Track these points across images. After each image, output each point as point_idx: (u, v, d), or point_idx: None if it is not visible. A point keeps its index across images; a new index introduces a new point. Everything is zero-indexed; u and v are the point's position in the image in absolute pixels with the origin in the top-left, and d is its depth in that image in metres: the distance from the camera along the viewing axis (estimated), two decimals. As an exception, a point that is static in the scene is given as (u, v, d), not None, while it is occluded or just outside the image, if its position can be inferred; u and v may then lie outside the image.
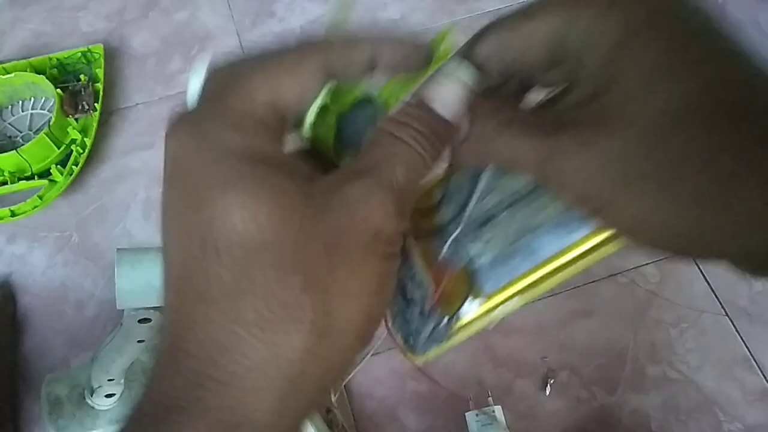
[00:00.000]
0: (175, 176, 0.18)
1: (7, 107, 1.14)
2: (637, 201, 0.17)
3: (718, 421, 0.83)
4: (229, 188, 0.17)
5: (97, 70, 1.15)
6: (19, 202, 1.00)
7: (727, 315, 0.90)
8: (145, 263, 0.48)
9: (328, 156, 0.23)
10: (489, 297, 0.24)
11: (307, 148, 0.22)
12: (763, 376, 0.86)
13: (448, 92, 0.20)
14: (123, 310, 0.53)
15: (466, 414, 0.81)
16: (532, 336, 0.90)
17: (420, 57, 0.21)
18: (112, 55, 1.22)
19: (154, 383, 0.18)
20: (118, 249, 0.49)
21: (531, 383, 0.87)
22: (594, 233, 0.23)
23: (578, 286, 0.92)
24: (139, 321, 0.55)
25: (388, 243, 0.19)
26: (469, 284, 0.24)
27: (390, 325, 0.26)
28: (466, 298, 0.24)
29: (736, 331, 0.89)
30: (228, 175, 0.17)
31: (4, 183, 1.01)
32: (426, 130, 0.19)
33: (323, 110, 0.21)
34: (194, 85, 0.20)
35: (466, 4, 1.29)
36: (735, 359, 0.87)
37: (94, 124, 1.09)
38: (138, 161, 1.10)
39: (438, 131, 0.20)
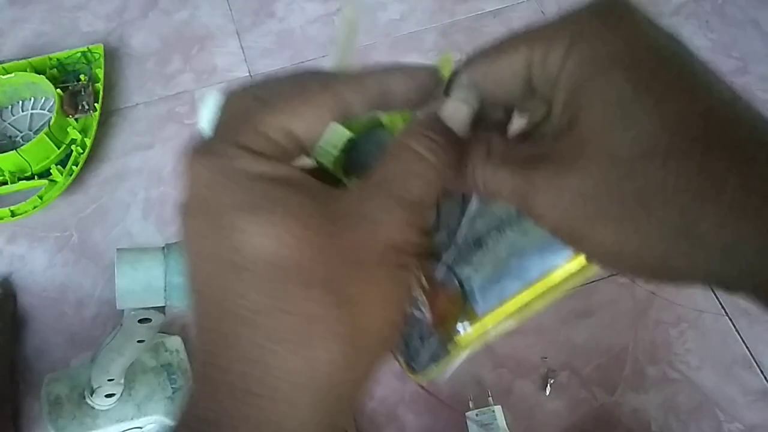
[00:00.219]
0: (198, 204, 0.19)
1: (7, 107, 1.14)
2: (606, 234, 0.18)
3: (718, 421, 0.83)
4: (256, 211, 0.18)
5: (97, 70, 1.15)
6: (19, 202, 1.00)
7: (727, 315, 0.90)
8: (145, 263, 0.48)
9: (336, 174, 0.23)
10: (481, 318, 0.24)
11: (314, 167, 0.23)
12: (763, 376, 0.86)
13: (458, 111, 0.21)
14: (123, 310, 0.53)
15: (466, 414, 0.81)
16: (532, 336, 0.90)
17: (427, 89, 0.22)
18: (112, 55, 1.22)
19: (193, 400, 0.19)
20: (118, 249, 0.49)
21: (531, 383, 0.87)
22: (577, 256, 0.24)
23: (578, 286, 0.92)
24: (139, 321, 0.54)
25: (406, 253, 0.20)
26: (463, 306, 0.25)
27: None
28: (459, 319, 0.25)
29: (736, 331, 0.89)
30: (253, 198, 0.18)
31: (4, 183, 1.01)
32: (440, 142, 0.20)
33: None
34: (206, 115, 0.20)
35: (466, 4, 1.29)
36: (735, 359, 0.87)
37: (94, 124, 1.09)
38: (138, 161, 1.10)
39: (450, 145, 0.21)
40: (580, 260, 0.24)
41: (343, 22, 0.27)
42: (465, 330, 0.25)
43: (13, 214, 1.00)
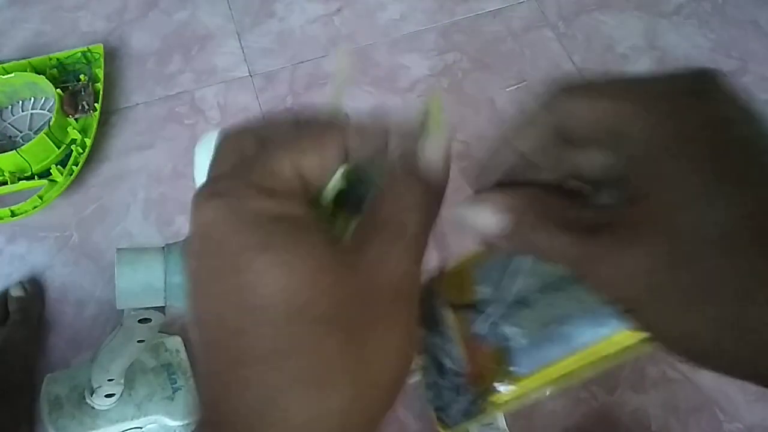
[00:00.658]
0: (206, 245, 0.19)
1: (7, 107, 1.14)
2: (662, 311, 0.18)
3: (718, 421, 0.83)
4: (266, 251, 0.18)
5: (97, 70, 1.15)
6: (19, 202, 1.00)
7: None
8: (145, 263, 0.48)
9: (336, 213, 0.23)
10: (521, 379, 0.24)
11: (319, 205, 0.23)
12: (763, 376, 0.86)
13: (436, 149, 0.21)
14: (123, 310, 0.53)
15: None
16: (532, 336, 0.90)
17: (417, 141, 0.23)
18: (112, 55, 1.22)
19: None
20: (117, 249, 0.49)
21: (531, 383, 0.87)
22: (631, 330, 0.23)
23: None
24: (139, 321, 0.54)
25: (412, 288, 0.20)
26: (503, 364, 0.24)
27: (425, 395, 0.26)
28: (498, 378, 0.24)
29: (736, 331, 0.89)
30: (263, 237, 0.18)
31: (4, 183, 1.01)
32: (428, 176, 0.21)
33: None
34: (202, 157, 0.20)
35: (466, 4, 1.29)
36: (735, 359, 0.87)
37: (94, 124, 1.09)
38: (138, 161, 1.10)
39: (436, 177, 0.21)
40: (631, 334, 0.23)
41: (338, 64, 0.27)
42: (503, 389, 0.24)
43: (13, 214, 1.00)
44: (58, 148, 1.04)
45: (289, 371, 0.17)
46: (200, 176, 0.20)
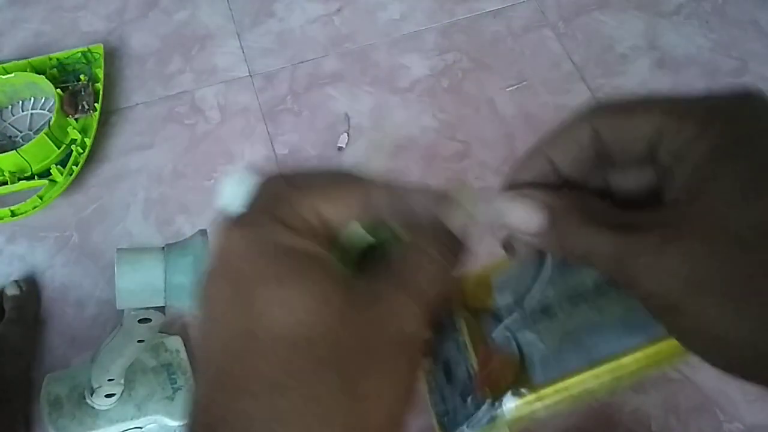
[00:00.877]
0: (224, 270, 0.20)
1: (7, 107, 1.14)
2: (702, 310, 0.18)
3: (718, 421, 0.83)
4: (281, 284, 0.18)
5: (97, 70, 1.15)
6: (19, 202, 1.00)
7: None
8: (145, 263, 0.48)
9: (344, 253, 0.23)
10: (537, 389, 0.23)
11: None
12: (763, 376, 0.86)
13: (461, 222, 0.22)
14: (123, 310, 0.53)
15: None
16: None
17: (442, 207, 0.23)
18: (112, 55, 1.22)
19: None
20: (117, 249, 0.49)
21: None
22: (656, 342, 0.22)
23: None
24: (139, 321, 0.54)
25: (416, 347, 0.20)
26: (518, 372, 0.24)
27: (427, 399, 0.26)
28: (512, 386, 0.23)
29: (736, 331, 0.89)
30: (280, 270, 0.19)
31: (4, 183, 1.01)
32: (447, 243, 0.22)
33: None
34: (230, 192, 0.21)
35: (466, 4, 1.29)
36: (735, 359, 0.87)
37: (94, 124, 1.09)
38: (138, 161, 1.10)
39: (455, 246, 0.22)
40: (656, 348, 0.22)
41: (382, 138, 0.28)
42: (517, 398, 0.23)
43: (13, 214, 1.00)
44: (58, 148, 1.04)
45: (283, 406, 0.18)
46: (225, 205, 0.21)
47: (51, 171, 1.02)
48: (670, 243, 0.18)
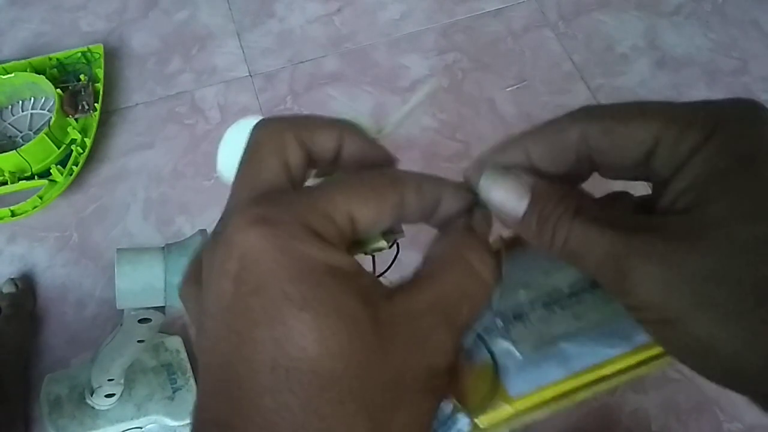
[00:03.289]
0: (246, 276, 0.18)
1: (7, 107, 1.14)
2: (701, 324, 0.17)
3: (718, 421, 0.83)
4: (307, 308, 0.17)
5: (97, 70, 1.15)
6: (19, 202, 1.00)
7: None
8: (145, 263, 0.48)
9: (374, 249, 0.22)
10: (513, 401, 0.22)
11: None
12: (763, 376, 0.86)
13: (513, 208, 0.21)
14: (123, 310, 0.53)
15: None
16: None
17: (469, 204, 0.22)
18: (112, 55, 1.22)
19: None
20: (117, 249, 0.49)
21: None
22: (636, 351, 0.22)
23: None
24: (139, 321, 0.54)
25: (443, 378, 0.19)
26: (493, 383, 0.23)
27: None
28: (487, 398, 0.22)
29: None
30: (307, 293, 0.17)
31: (4, 183, 1.01)
32: (493, 257, 0.20)
33: None
34: (233, 146, 0.19)
35: (466, 4, 1.29)
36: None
37: (94, 124, 1.09)
38: (138, 161, 1.10)
39: (498, 261, 0.20)
40: (637, 355, 0.22)
41: (423, 93, 0.26)
42: (494, 410, 0.22)
43: (13, 214, 1.00)
44: (58, 148, 1.04)
45: None
46: (227, 167, 0.20)
47: (51, 171, 1.02)
48: (677, 253, 0.17)
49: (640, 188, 0.22)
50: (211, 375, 0.18)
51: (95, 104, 1.09)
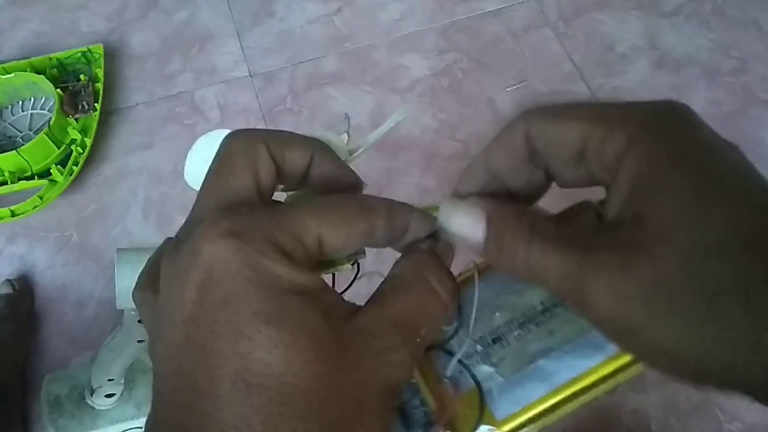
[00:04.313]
0: (213, 288, 0.18)
1: (7, 107, 1.14)
2: (667, 330, 0.17)
3: (718, 421, 0.83)
4: (272, 324, 0.17)
5: (97, 70, 1.15)
6: (19, 202, 1.00)
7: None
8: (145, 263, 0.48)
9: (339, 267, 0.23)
10: (501, 425, 0.22)
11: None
12: (763, 376, 0.86)
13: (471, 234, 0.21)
14: (123, 310, 0.53)
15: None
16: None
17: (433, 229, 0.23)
18: (112, 55, 1.22)
19: None
20: (117, 249, 0.49)
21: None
22: (611, 359, 0.22)
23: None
24: (139, 321, 0.55)
25: (400, 393, 0.20)
26: (480, 408, 0.23)
27: None
28: (476, 423, 0.23)
29: (736, 331, 0.89)
30: (274, 310, 0.17)
31: (4, 183, 1.01)
32: (451, 279, 0.21)
33: None
34: (202, 155, 0.20)
35: (466, 4, 1.29)
36: (735, 359, 0.87)
37: (94, 124, 1.09)
38: (138, 161, 1.10)
39: (453, 286, 0.21)
40: (612, 365, 0.22)
41: (394, 120, 0.27)
42: None
43: (13, 214, 1.00)
44: (58, 148, 1.04)
45: None
46: (195, 175, 0.20)
47: (51, 171, 1.02)
48: (627, 266, 0.18)
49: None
50: (168, 384, 0.18)
51: (95, 104, 1.09)
